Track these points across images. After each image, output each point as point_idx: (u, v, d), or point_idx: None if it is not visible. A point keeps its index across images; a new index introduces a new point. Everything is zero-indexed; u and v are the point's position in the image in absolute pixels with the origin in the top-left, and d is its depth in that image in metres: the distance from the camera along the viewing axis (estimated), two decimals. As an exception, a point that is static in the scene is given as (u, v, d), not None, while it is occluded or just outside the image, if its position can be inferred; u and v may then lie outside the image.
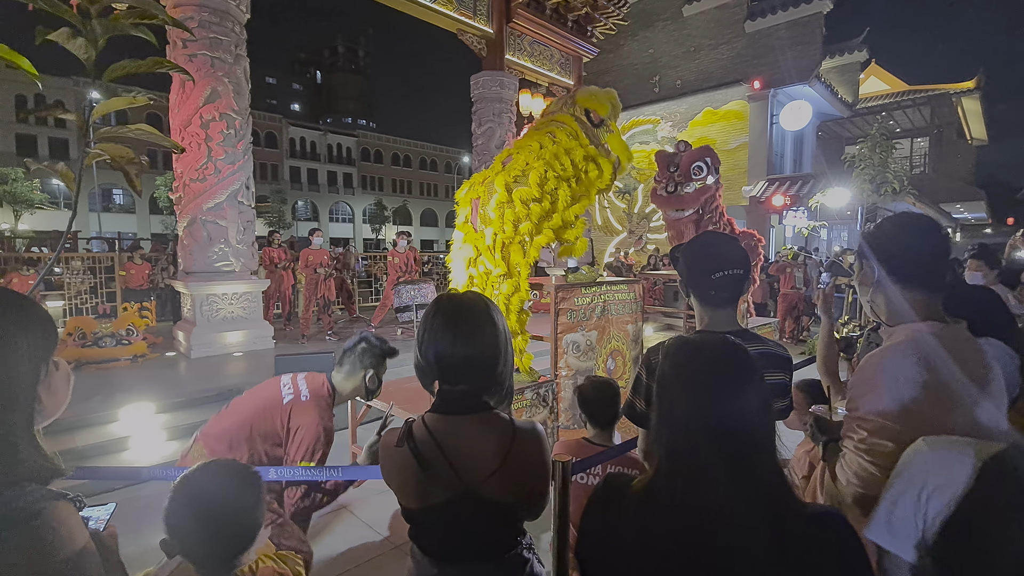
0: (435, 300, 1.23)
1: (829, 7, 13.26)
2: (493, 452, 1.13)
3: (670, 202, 5.87)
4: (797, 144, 16.04)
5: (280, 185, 42.67)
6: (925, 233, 1.22)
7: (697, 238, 1.58)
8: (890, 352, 1.18)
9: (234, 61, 6.48)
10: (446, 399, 1.18)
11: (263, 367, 5.60)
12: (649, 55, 16.13)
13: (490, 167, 3.76)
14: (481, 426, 1.16)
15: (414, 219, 52.09)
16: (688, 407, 0.88)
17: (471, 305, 1.20)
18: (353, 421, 3.76)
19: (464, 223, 3.71)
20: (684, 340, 0.98)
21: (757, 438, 0.86)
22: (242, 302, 6.69)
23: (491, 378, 1.18)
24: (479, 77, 9.66)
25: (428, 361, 1.17)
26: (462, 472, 1.11)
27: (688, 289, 1.52)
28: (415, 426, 1.17)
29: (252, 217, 6.87)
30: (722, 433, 0.84)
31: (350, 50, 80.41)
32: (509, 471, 1.13)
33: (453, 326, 1.16)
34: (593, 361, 4.22)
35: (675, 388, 0.91)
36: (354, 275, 10.81)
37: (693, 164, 5.70)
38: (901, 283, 1.23)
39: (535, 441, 1.19)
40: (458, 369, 1.15)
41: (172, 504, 1.20)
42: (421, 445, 1.13)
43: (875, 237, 1.29)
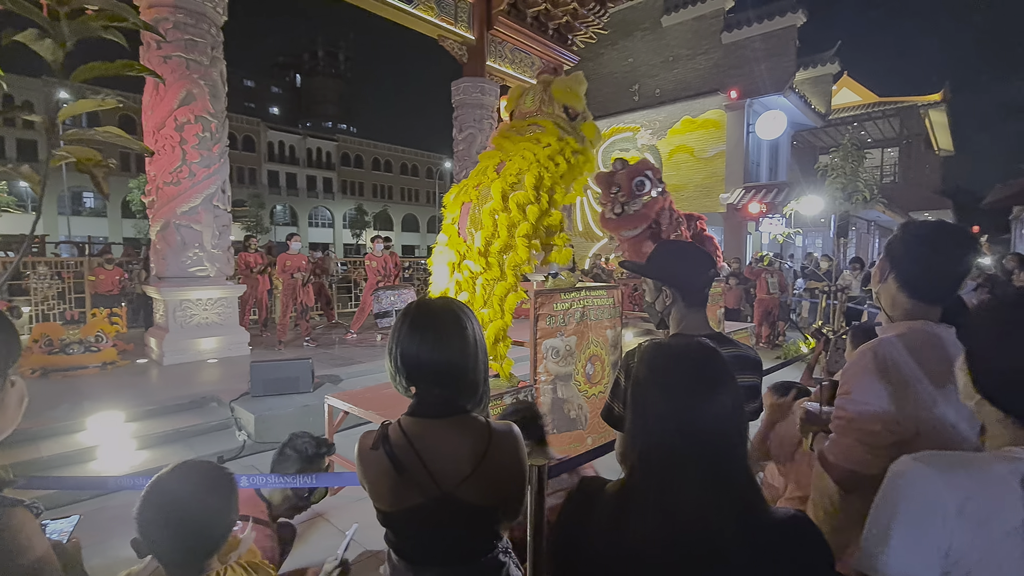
0: (405, 308, 1.24)
1: (803, 20, 13.64)
2: (469, 455, 1.13)
3: (621, 224, 5.79)
4: (773, 153, 16.42)
5: (258, 189, 42.03)
6: (936, 246, 1.27)
7: (672, 242, 1.61)
8: (883, 342, 1.25)
9: (210, 63, 6.39)
10: (422, 402, 1.18)
11: (238, 374, 5.50)
12: (629, 64, 16.37)
13: (480, 170, 3.77)
14: (457, 429, 1.17)
15: (395, 224, 51.79)
16: (663, 411, 0.89)
17: (440, 312, 1.20)
18: (330, 428, 3.71)
19: (450, 225, 3.72)
20: (659, 344, 0.99)
21: (730, 442, 0.87)
22: (217, 308, 6.56)
23: (463, 383, 1.19)
24: (460, 83, 9.68)
25: (398, 367, 1.17)
26: (438, 475, 1.11)
27: (674, 291, 1.53)
28: (391, 429, 1.17)
29: (228, 221, 6.76)
30: (696, 437, 0.85)
31: (330, 54, 79.79)
32: (485, 474, 1.13)
33: (420, 333, 1.16)
34: (572, 366, 4.24)
35: (650, 392, 0.92)
36: (333, 280, 10.69)
37: (634, 180, 5.68)
38: (904, 288, 1.30)
39: (512, 443, 1.20)
40: (427, 375, 1.16)
41: (144, 504, 1.19)
42: (397, 448, 1.13)
43: (895, 239, 1.35)
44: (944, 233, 1.29)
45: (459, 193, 3.74)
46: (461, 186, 3.81)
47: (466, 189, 3.69)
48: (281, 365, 5.10)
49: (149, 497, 1.20)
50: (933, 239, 1.28)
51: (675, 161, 15.65)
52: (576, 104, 3.97)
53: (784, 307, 9.19)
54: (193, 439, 4.47)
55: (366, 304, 8.20)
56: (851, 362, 1.30)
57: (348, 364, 6.30)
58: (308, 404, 4.79)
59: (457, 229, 3.66)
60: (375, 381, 5.75)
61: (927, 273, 1.28)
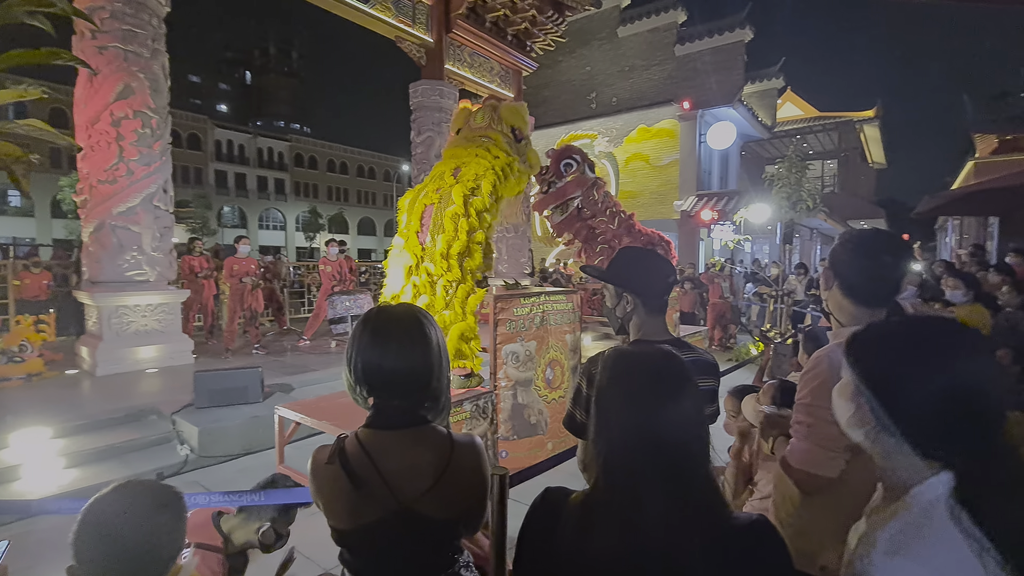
0: (364, 315, 1.18)
1: (750, 36, 14.29)
2: (430, 467, 1.09)
3: (547, 200, 6.00)
4: (723, 162, 17.07)
5: (204, 189, 40.19)
6: (874, 254, 1.33)
7: (634, 248, 1.61)
8: (835, 348, 1.29)
9: (151, 56, 6.05)
10: (381, 413, 1.13)
11: (180, 384, 5.19)
12: (586, 72, 16.66)
13: (437, 174, 3.73)
14: (417, 441, 1.12)
15: (351, 228, 50.66)
16: (626, 419, 0.88)
17: (402, 319, 1.16)
18: (280, 440, 3.54)
19: (406, 228, 3.66)
20: (621, 352, 0.98)
21: (692, 450, 0.87)
22: (157, 314, 6.19)
23: (425, 393, 1.15)
24: (418, 86, 9.56)
25: (358, 377, 1.12)
26: (397, 489, 1.07)
27: (634, 297, 1.53)
28: (348, 442, 1.12)
29: (170, 223, 6.40)
30: (659, 445, 0.85)
31: (283, 52, 77.53)
32: (446, 486, 1.09)
33: (382, 341, 1.11)
34: (532, 371, 4.23)
35: (613, 400, 0.91)
36: (285, 285, 10.31)
37: (562, 161, 5.91)
38: (848, 295, 1.36)
39: (473, 455, 1.16)
40: (389, 385, 1.11)
41: (81, 527, 1.09)
42: (354, 462, 1.08)
43: (836, 249, 1.40)
44: (879, 241, 1.36)
45: (415, 197, 3.69)
46: (417, 190, 3.76)
47: (426, 193, 3.64)
48: (228, 374, 4.85)
49: (87, 520, 1.10)
50: (870, 247, 1.35)
51: (631, 168, 16.02)
52: (523, 127, 4.09)
53: (735, 311, 9.53)
54: (129, 455, 4.18)
55: (320, 310, 7.94)
56: (806, 369, 1.34)
57: (301, 372, 6.07)
58: (257, 415, 4.57)
59: (416, 232, 3.61)
60: (329, 390, 5.56)
61: (867, 280, 1.34)
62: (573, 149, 6.07)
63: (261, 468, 4.17)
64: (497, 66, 11.04)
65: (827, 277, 1.42)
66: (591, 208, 5.95)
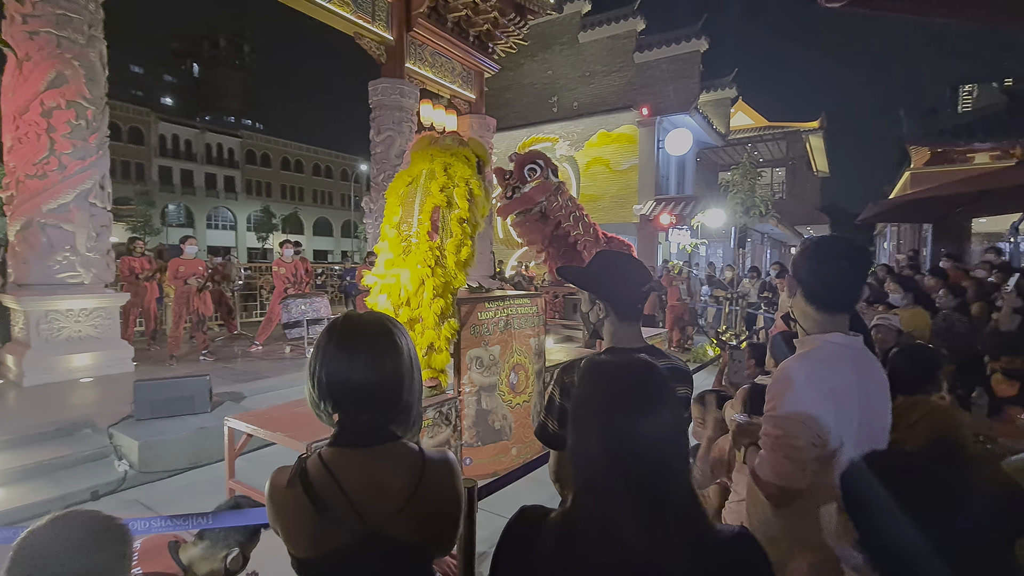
0: (330, 324, 1.09)
1: (705, 47, 14.76)
2: (400, 487, 1.01)
3: (511, 206, 5.97)
4: (680, 168, 17.54)
5: (147, 186, 38.11)
6: (833, 261, 1.33)
7: (610, 253, 1.57)
8: (801, 359, 1.30)
9: (87, 42, 5.65)
10: (346, 430, 1.04)
11: (119, 395, 4.85)
12: (548, 76, 16.78)
13: (429, 173, 3.57)
14: (387, 459, 1.04)
15: (306, 228, 49.24)
16: (605, 432, 0.84)
17: (370, 327, 1.07)
18: (230, 452, 3.33)
19: (404, 224, 3.49)
20: (599, 362, 0.94)
21: (673, 463, 0.84)
22: (93, 319, 5.76)
23: (395, 407, 1.06)
24: (378, 84, 9.33)
25: (322, 392, 1.02)
26: (365, 512, 0.98)
27: (607, 304, 1.49)
28: (310, 463, 1.02)
29: (107, 221, 5.99)
30: (640, 459, 0.82)
31: (233, 44, 74.52)
32: (418, 507, 1.02)
33: (350, 352, 1.02)
34: (497, 376, 4.17)
35: (591, 413, 0.87)
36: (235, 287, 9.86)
37: (525, 167, 5.89)
38: (812, 303, 1.36)
39: (447, 472, 1.09)
40: (357, 399, 1.02)
41: (12, 565, 0.98)
42: (316, 484, 0.98)
43: (797, 257, 1.40)
44: (839, 248, 1.37)
45: (427, 198, 3.52)
46: (406, 181, 3.58)
47: (429, 191, 3.48)
48: (172, 383, 4.55)
49: (19, 557, 0.99)
50: (829, 254, 1.35)
51: (592, 172, 16.22)
52: (485, 159, 4.02)
53: (693, 313, 9.76)
54: (60, 472, 3.85)
55: (273, 313, 7.61)
56: (774, 380, 1.33)
57: (253, 379, 5.79)
58: (205, 426, 4.31)
59: (428, 232, 3.47)
60: (284, 398, 5.31)
61: (829, 286, 1.35)
62: (536, 154, 6.05)
63: (209, 483, 3.93)
64: (459, 67, 10.94)
65: (790, 285, 1.42)
66: (555, 213, 5.94)
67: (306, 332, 7.17)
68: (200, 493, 3.78)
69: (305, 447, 2.80)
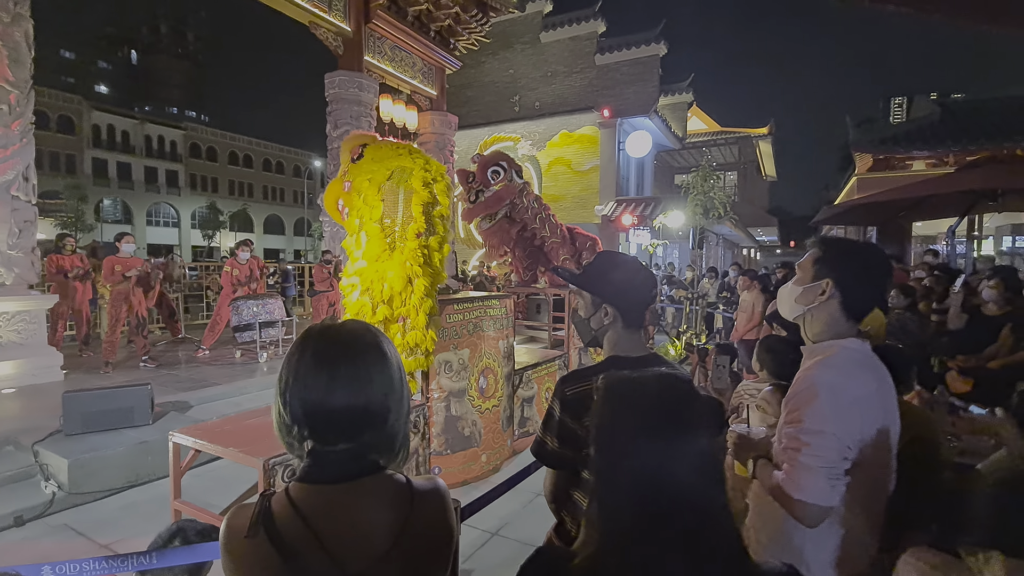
0: (303, 335, 0.91)
1: (664, 51, 15.05)
2: (385, 527, 0.84)
3: (476, 209, 5.84)
4: (640, 170, 17.84)
5: (79, 179, 35.52)
6: (876, 267, 1.29)
7: (614, 254, 1.46)
8: (823, 367, 1.23)
9: (11, 20, 5.14)
10: (320, 462, 0.86)
11: (46, 407, 4.39)
12: (510, 75, 16.70)
13: (399, 169, 3.38)
14: (368, 495, 0.86)
15: (256, 225, 47.26)
16: (639, 464, 0.72)
17: (353, 338, 0.89)
18: (175, 470, 3.03)
19: (389, 221, 3.26)
20: (624, 379, 0.82)
21: (715, 499, 0.73)
22: (16, 324, 5.23)
23: (381, 431, 0.89)
24: (335, 76, 8.95)
25: (295, 416, 0.84)
26: (343, 559, 0.81)
27: (615, 309, 1.37)
28: (275, 502, 0.83)
29: (32, 216, 5.44)
30: (680, 492, 0.70)
31: (176, 31, 70.71)
32: (405, 549, 0.85)
33: (329, 367, 0.85)
34: (466, 381, 4.02)
35: (620, 441, 0.74)
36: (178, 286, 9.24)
37: (489, 169, 5.79)
38: (846, 309, 1.28)
39: (438, 505, 0.93)
40: (337, 424, 0.84)
41: None
42: (284, 529, 0.80)
43: (838, 261, 1.30)
44: (877, 254, 1.32)
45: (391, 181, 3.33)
46: (386, 175, 3.37)
47: (413, 189, 3.29)
48: (108, 394, 4.15)
49: None
50: (870, 261, 1.30)
51: (554, 173, 16.25)
52: None
53: (654, 313, 9.89)
54: (-25, 497, 3.42)
55: (221, 316, 7.15)
56: (796, 390, 1.25)
57: (199, 387, 5.39)
58: (146, 440, 3.95)
59: (419, 233, 3.27)
60: (235, 406, 4.98)
61: (871, 294, 1.30)
62: (500, 155, 5.92)
63: (150, 503, 3.60)
64: (420, 62, 10.67)
65: (817, 291, 1.30)
66: (521, 215, 5.83)
67: (258, 335, 6.77)
68: (140, 515, 3.45)
69: (261, 464, 2.56)
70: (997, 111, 11.46)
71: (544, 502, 0.90)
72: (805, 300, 1.34)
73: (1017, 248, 13.08)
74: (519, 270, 6.69)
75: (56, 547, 3.14)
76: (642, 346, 1.39)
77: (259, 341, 6.75)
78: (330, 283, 8.35)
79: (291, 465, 2.70)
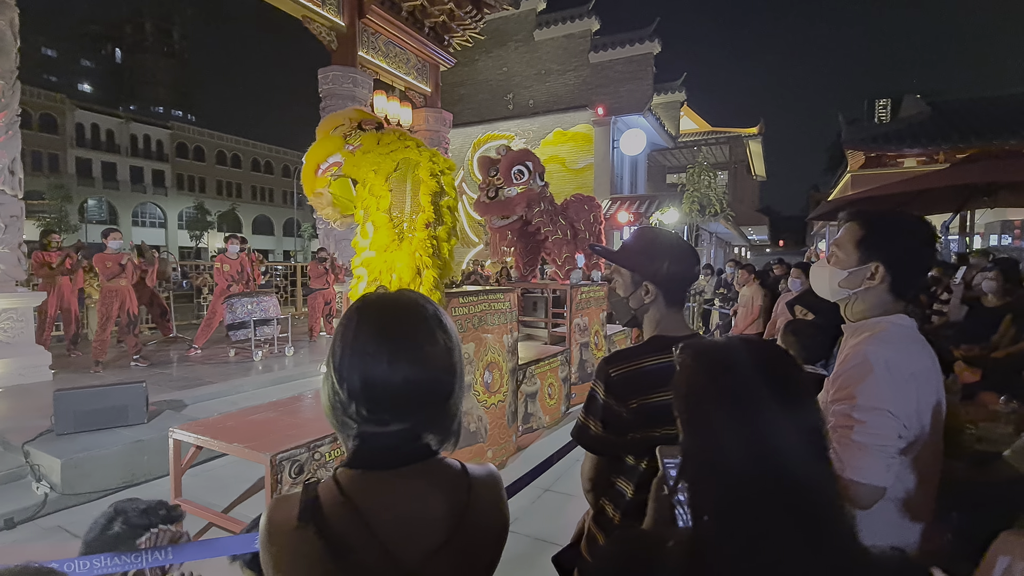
0: (358, 306, 0.83)
1: (658, 49, 15.08)
2: (443, 516, 0.77)
3: (492, 208, 5.74)
4: (633, 168, 17.87)
5: (62, 179, 34.85)
6: (926, 243, 1.22)
7: (655, 230, 1.40)
8: (876, 342, 1.17)
9: (-5, 7, 4.97)
10: (371, 447, 0.78)
11: (35, 407, 4.26)
12: (503, 73, 16.64)
13: (404, 161, 3.30)
14: (423, 481, 0.79)
15: (245, 226, 46.71)
16: (745, 438, 0.66)
17: (411, 307, 0.82)
18: (176, 468, 2.93)
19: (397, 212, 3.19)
20: (719, 346, 0.76)
21: (824, 471, 0.67)
22: (2, 321, 5.09)
23: (441, 409, 0.83)
24: (329, 71, 8.84)
25: (353, 392, 0.76)
26: (397, 552, 0.73)
27: (656, 287, 1.31)
28: (323, 490, 0.76)
29: (18, 211, 5.30)
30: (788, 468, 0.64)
31: (161, 29, 69.69)
32: (465, 539, 0.78)
33: (390, 337, 0.78)
34: (471, 375, 3.95)
35: (721, 413, 0.68)
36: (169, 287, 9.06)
37: (513, 168, 5.67)
38: (894, 290, 1.22)
39: (494, 491, 0.86)
40: (399, 400, 0.77)
41: None
42: (334, 519, 0.72)
43: (885, 239, 1.24)
44: (925, 229, 1.24)
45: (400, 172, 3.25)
46: (393, 166, 3.29)
47: (420, 178, 3.20)
48: (101, 392, 4.02)
49: None
50: (920, 237, 1.22)
51: (548, 171, 16.08)
52: None
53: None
54: (-38, 500, 3.29)
55: (215, 313, 7.01)
56: (847, 367, 1.19)
57: (193, 386, 5.27)
58: (142, 439, 3.83)
59: (427, 223, 3.20)
60: (231, 404, 4.87)
61: (923, 273, 1.26)
62: (527, 155, 5.79)
63: (149, 502, 3.48)
64: (414, 58, 10.58)
65: (863, 273, 1.24)
66: (535, 218, 5.73)
67: (253, 333, 6.64)
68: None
69: (268, 459, 2.48)
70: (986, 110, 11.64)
71: (552, 497, 0.82)
72: (850, 284, 1.26)
73: (1004, 246, 13.29)
74: (519, 265, 6.61)
75: (50, 550, 3.02)
76: (685, 325, 1.34)
77: (254, 339, 6.62)
78: (325, 280, 8.24)
79: (299, 460, 2.62)
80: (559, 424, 5.17)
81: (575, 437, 1.30)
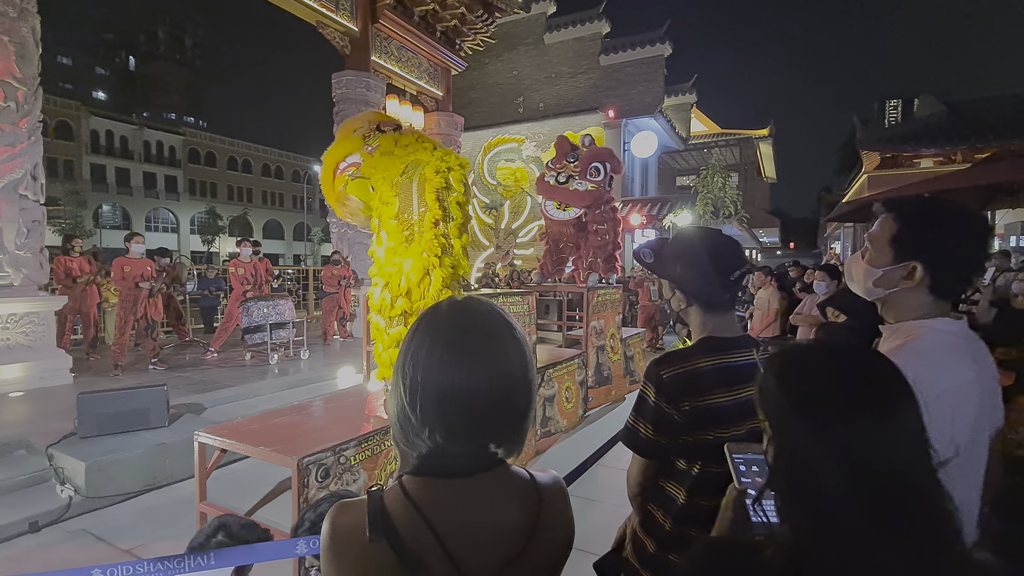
0: (428, 312, 0.80)
1: (669, 51, 15.03)
2: (516, 527, 0.74)
3: (555, 192, 5.60)
4: (644, 170, 17.80)
5: (77, 185, 35.34)
6: (975, 238, 1.12)
7: (690, 235, 1.36)
8: (906, 354, 1.05)
9: (18, 16, 5.07)
10: (438, 453, 0.75)
11: (57, 410, 4.29)
12: (514, 76, 16.66)
13: (414, 162, 3.29)
14: (495, 490, 0.76)
15: (256, 231, 47.09)
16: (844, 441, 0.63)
17: (484, 316, 0.78)
18: (201, 471, 2.93)
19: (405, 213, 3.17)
20: (808, 349, 0.73)
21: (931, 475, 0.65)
22: (23, 326, 5.12)
23: (518, 427, 0.78)
24: (342, 76, 8.91)
25: (426, 407, 0.73)
26: (468, 565, 0.71)
27: (687, 295, 1.29)
28: (389, 499, 0.73)
29: (40, 216, 5.36)
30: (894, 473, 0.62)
31: (174, 37, 70.64)
32: (536, 553, 0.75)
33: (469, 353, 0.74)
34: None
35: (820, 418, 0.65)
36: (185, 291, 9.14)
37: (592, 163, 5.54)
38: (935, 291, 1.12)
39: (563, 501, 0.83)
40: (477, 415, 0.74)
41: None
42: (403, 529, 0.70)
43: (927, 236, 1.13)
44: (973, 223, 1.13)
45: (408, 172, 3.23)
46: (401, 167, 3.28)
47: (426, 175, 3.19)
48: (123, 395, 4.04)
49: None
50: (967, 233, 1.11)
51: (557, 174, 16.17)
52: None
53: (663, 313, 9.81)
54: (-12, 502, 3.31)
55: (232, 317, 7.05)
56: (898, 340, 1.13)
57: (212, 389, 5.29)
58: (164, 442, 3.84)
59: (436, 222, 3.18)
60: (249, 409, 4.87)
61: (969, 271, 1.13)
62: (610, 156, 5.66)
63: (171, 507, 3.49)
64: (426, 62, 10.63)
65: (900, 274, 1.13)
66: (596, 221, 5.65)
67: (269, 337, 6.66)
68: (161, 519, 3.34)
69: (295, 463, 2.46)
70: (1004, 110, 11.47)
71: (574, 502, 0.80)
72: (886, 284, 1.16)
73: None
74: (547, 264, 6.50)
75: (75, 553, 3.03)
76: (734, 326, 1.31)
77: (270, 343, 6.64)
78: (339, 283, 8.27)
79: (325, 464, 2.60)
80: (577, 428, 5.13)
81: (624, 441, 1.27)
